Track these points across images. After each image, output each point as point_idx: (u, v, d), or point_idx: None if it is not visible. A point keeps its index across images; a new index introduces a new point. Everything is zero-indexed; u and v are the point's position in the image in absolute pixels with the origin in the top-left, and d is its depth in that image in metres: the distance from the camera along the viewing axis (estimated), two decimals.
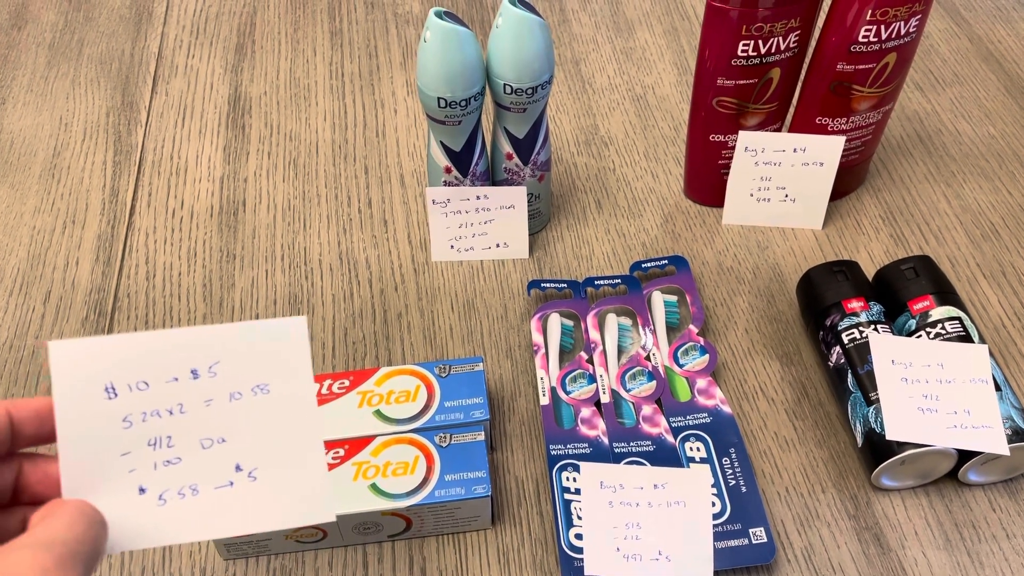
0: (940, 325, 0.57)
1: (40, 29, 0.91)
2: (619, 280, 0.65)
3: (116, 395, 0.32)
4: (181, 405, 0.33)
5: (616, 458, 0.55)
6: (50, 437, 0.32)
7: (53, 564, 0.28)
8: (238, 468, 0.34)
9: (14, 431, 0.32)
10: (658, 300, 0.64)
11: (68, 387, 0.32)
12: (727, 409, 0.58)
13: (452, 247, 0.68)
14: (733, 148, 0.68)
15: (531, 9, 0.57)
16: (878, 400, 0.54)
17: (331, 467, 0.51)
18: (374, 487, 0.51)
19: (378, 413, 0.54)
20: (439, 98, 0.58)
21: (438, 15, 0.56)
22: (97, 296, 0.67)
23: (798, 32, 0.61)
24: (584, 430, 0.57)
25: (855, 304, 0.58)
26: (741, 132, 0.66)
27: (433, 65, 0.57)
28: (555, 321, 0.63)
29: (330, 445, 0.52)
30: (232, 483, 0.33)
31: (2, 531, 0.33)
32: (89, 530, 0.30)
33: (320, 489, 0.34)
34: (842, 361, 0.57)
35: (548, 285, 0.65)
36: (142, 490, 0.33)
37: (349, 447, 0.52)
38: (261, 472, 0.34)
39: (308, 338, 0.34)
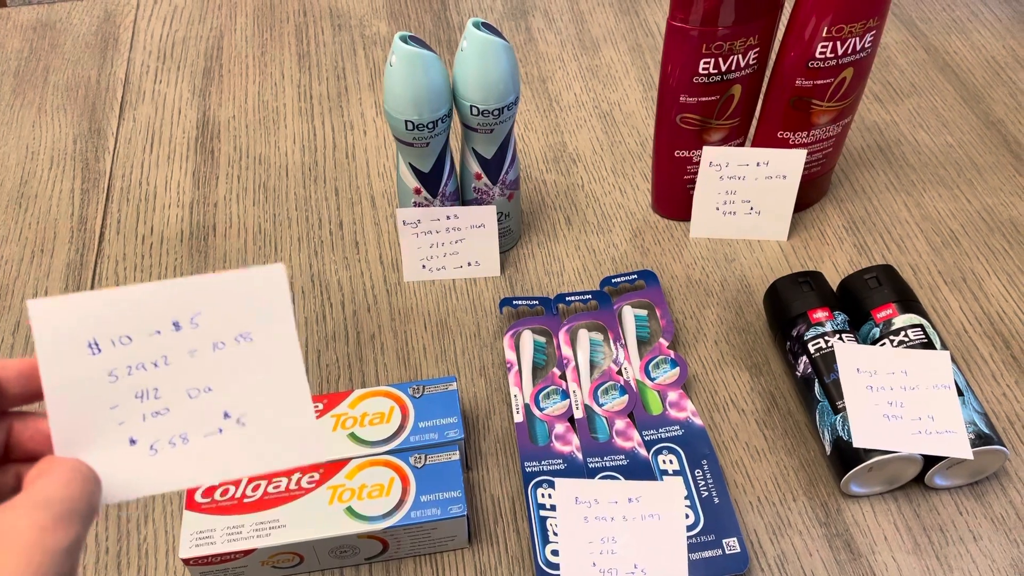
0: (903, 333, 0.58)
1: (5, 57, 0.91)
2: (590, 296, 0.66)
3: (100, 350, 0.32)
4: (165, 357, 0.33)
5: (590, 473, 0.56)
6: (37, 396, 0.33)
7: (51, 522, 0.28)
8: (226, 415, 0.34)
9: (0, 391, 0.33)
10: (628, 314, 0.65)
11: (51, 345, 0.32)
12: (698, 421, 0.59)
13: (424, 267, 0.68)
14: (698, 163, 0.69)
15: (495, 32, 0.58)
16: (845, 408, 0.55)
17: (307, 491, 0.52)
18: (350, 510, 0.51)
19: (352, 436, 0.54)
20: (406, 121, 0.59)
21: (403, 39, 0.57)
22: None
23: (757, 49, 0.62)
24: (558, 446, 0.57)
25: (820, 314, 0.59)
26: (705, 147, 0.67)
27: (399, 89, 0.58)
28: (527, 338, 0.63)
29: (304, 469, 0.52)
30: (221, 430, 0.34)
31: None
32: (84, 487, 0.30)
33: (309, 429, 0.35)
34: (809, 370, 0.58)
35: (520, 302, 0.66)
36: (133, 441, 0.33)
37: (324, 471, 0.52)
38: (249, 418, 0.34)
39: (288, 284, 0.34)
